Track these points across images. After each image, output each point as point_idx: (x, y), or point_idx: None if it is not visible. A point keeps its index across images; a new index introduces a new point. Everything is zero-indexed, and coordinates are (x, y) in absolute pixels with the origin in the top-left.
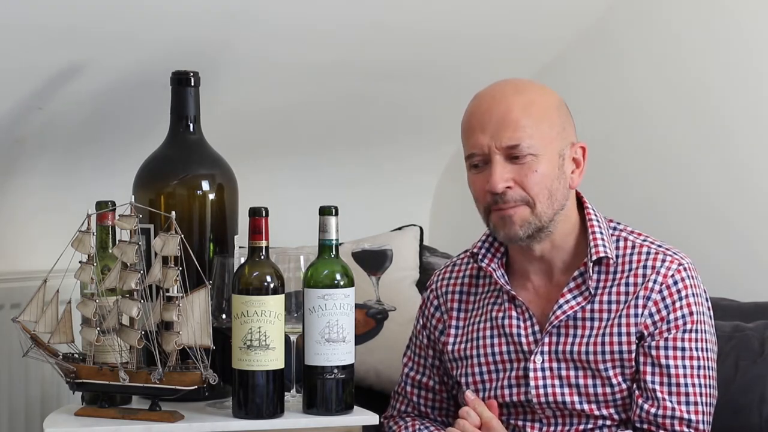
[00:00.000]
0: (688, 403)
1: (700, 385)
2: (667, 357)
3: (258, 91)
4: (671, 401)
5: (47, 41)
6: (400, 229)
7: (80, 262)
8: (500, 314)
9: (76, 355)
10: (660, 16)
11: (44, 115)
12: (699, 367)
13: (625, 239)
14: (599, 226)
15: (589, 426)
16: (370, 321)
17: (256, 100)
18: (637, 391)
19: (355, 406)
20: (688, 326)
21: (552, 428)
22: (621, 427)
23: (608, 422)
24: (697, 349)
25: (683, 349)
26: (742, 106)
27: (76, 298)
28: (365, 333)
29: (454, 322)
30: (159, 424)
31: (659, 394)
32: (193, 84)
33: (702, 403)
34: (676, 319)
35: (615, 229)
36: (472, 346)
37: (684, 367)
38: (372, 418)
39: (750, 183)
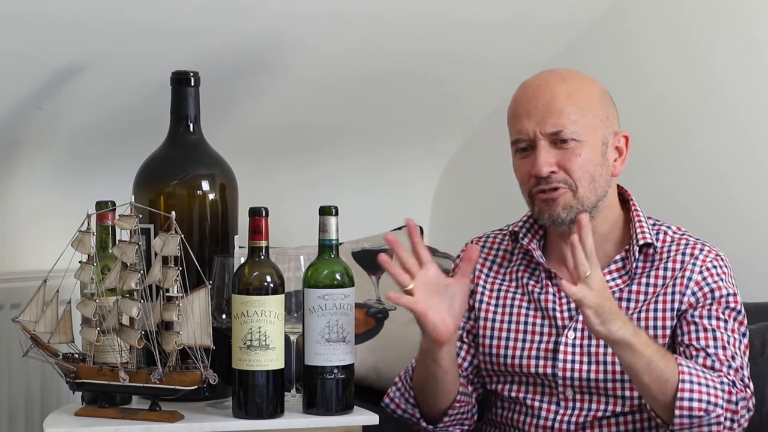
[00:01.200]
0: (736, 364)
1: (741, 357)
2: (710, 324)
3: (258, 91)
4: (722, 357)
5: (47, 41)
6: (400, 229)
7: (80, 262)
8: (536, 288)
9: (76, 355)
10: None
11: (44, 115)
12: (740, 342)
13: (665, 232)
14: (644, 218)
15: (607, 414)
16: (371, 320)
17: (256, 100)
18: (686, 351)
19: (355, 406)
20: (732, 305)
21: (569, 411)
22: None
23: (626, 408)
24: (737, 328)
25: (726, 321)
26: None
27: (76, 298)
28: (365, 332)
29: (481, 282)
30: (159, 424)
31: (710, 350)
32: (193, 84)
33: (746, 370)
34: (721, 296)
35: (654, 224)
36: (503, 312)
37: (728, 336)
38: (372, 418)
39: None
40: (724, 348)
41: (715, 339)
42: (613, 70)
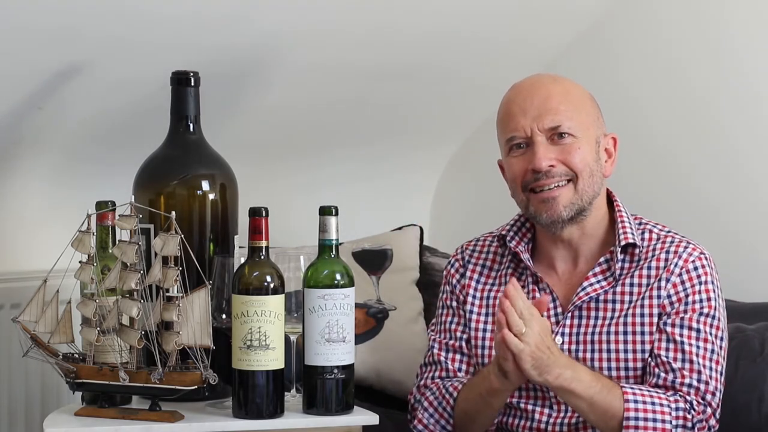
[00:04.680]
0: (700, 381)
1: (711, 369)
2: (681, 335)
3: (258, 91)
4: (686, 372)
5: (47, 42)
6: (400, 228)
7: (80, 262)
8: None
9: (76, 355)
10: (655, 21)
11: (44, 115)
12: (712, 351)
13: (651, 231)
14: (627, 218)
15: None
16: (371, 320)
17: (256, 100)
18: (652, 362)
19: (355, 406)
20: (705, 310)
21: (561, 414)
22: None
23: None
24: (711, 334)
25: (698, 330)
26: (737, 108)
27: (76, 298)
28: (365, 332)
29: (471, 291)
30: (159, 424)
31: (675, 365)
32: (192, 84)
33: (713, 383)
34: (693, 302)
35: (640, 223)
36: (493, 321)
37: (698, 347)
38: (372, 418)
39: (749, 185)
40: (690, 362)
41: (682, 352)
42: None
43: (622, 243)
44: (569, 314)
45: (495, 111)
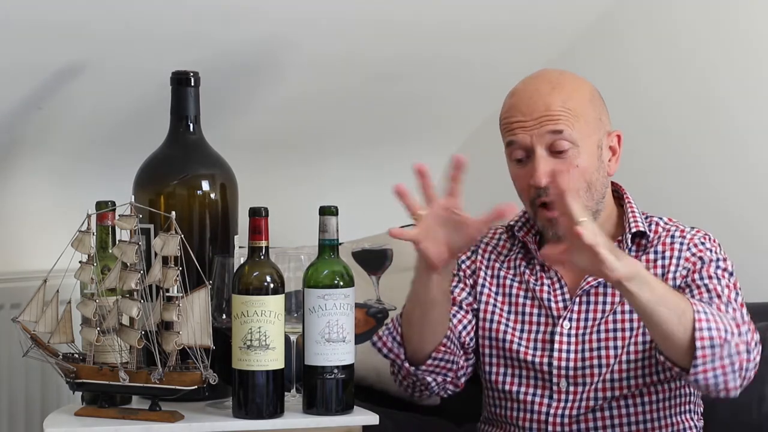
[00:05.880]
0: (736, 318)
1: (743, 313)
2: (702, 282)
3: (257, 90)
4: (719, 302)
5: (47, 41)
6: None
7: (80, 262)
8: (532, 279)
9: (76, 355)
10: (666, 9)
11: (44, 115)
12: (736, 294)
13: (657, 223)
14: (636, 209)
15: (599, 403)
16: (371, 320)
17: (255, 99)
18: None
19: (355, 406)
20: (722, 266)
21: (561, 404)
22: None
23: (617, 393)
24: (731, 285)
25: (718, 279)
26: (749, 98)
27: (76, 298)
28: (366, 332)
29: (483, 266)
30: (159, 424)
31: (705, 297)
32: (192, 84)
33: (749, 322)
34: (710, 261)
35: (647, 217)
36: (503, 300)
37: (721, 288)
38: (372, 418)
39: (754, 182)
40: (719, 296)
41: (708, 291)
42: (607, 73)
43: (633, 230)
44: (577, 299)
45: (495, 111)
